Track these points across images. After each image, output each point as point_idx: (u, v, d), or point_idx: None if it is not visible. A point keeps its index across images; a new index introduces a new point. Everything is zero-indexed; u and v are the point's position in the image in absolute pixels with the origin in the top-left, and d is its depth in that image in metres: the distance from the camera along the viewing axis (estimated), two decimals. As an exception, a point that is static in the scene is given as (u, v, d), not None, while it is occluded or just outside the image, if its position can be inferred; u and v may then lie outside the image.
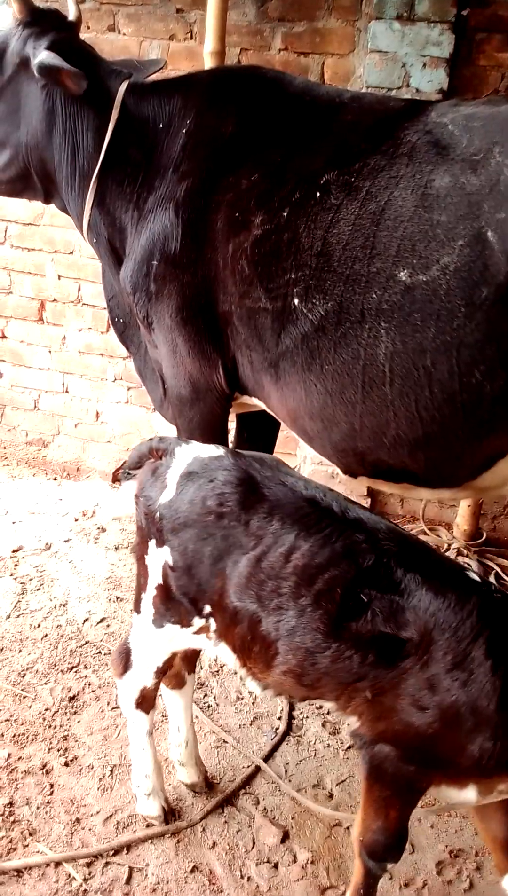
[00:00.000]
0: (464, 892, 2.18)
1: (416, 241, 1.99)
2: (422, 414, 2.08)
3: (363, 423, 2.21)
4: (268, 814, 2.36)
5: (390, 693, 1.66)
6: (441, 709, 1.61)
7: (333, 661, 1.68)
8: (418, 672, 1.62)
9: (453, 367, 1.99)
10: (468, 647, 1.61)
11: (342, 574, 1.67)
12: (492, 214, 1.91)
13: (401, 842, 1.81)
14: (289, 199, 2.23)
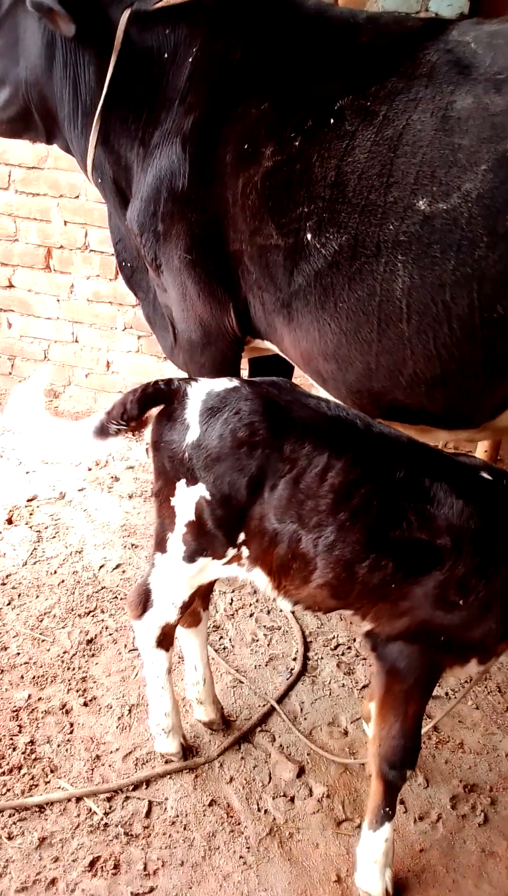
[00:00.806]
0: (478, 825, 2.21)
1: (436, 167, 1.90)
2: (440, 352, 2.03)
3: (380, 363, 2.15)
4: (284, 750, 2.40)
5: (419, 594, 1.75)
6: (468, 605, 1.73)
7: (370, 570, 1.75)
8: (448, 574, 1.72)
9: (473, 302, 1.92)
10: (492, 547, 1.73)
11: (377, 487, 1.75)
12: (518, 137, 1.82)
13: (418, 744, 1.90)
14: (301, 127, 2.13)
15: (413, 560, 1.74)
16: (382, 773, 1.90)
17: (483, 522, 1.74)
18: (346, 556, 1.76)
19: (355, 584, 1.77)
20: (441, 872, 2.07)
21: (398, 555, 1.74)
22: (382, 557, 1.74)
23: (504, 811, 2.26)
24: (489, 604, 1.74)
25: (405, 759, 1.88)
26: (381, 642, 1.85)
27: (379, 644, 1.85)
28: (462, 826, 2.21)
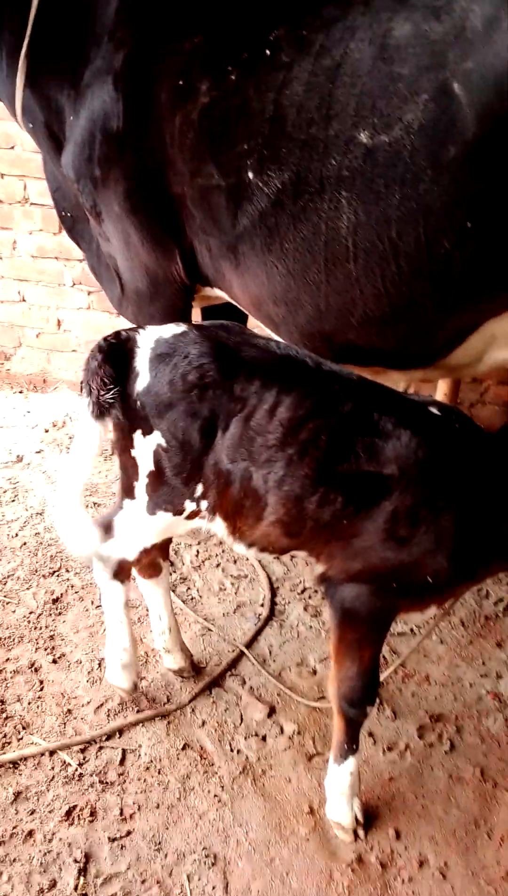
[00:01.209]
0: (445, 753, 2.29)
1: (376, 98, 1.84)
2: (389, 289, 2.00)
3: (329, 304, 2.13)
4: (254, 692, 2.45)
5: (370, 530, 1.76)
6: (418, 540, 1.75)
7: (319, 504, 1.76)
8: (397, 505, 1.74)
9: (420, 237, 1.89)
10: (440, 479, 1.75)
11: (325, 422, 1.75)
12: (458, 64, 1.76)
13: (376, 682, 1.95)
14: (236, 60, 2.05)
15: (362, 493, 1.75)
16: (343, 711, 1.95)
17: (430, 454, 1.75)
18: (296, 491, 1.76)
19: (306, 520, 1.78)
20: (411, 799, 2.15)
21: (347, 488, 1.75)
22: (331, 491, 1.75)
23: (469, 738, 2.35)
24: (439, 539, 1.76)
25: (364, 698, 1.92)
26: (335, 586, 1.87)
27: (333, 588, 1.87)
28: (430, 754, 2.29)
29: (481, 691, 2.51)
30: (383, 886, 1.92)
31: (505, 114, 1.71)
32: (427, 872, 1.95)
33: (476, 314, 2.02)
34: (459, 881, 1.93)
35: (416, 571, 1.80)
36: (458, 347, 2.15)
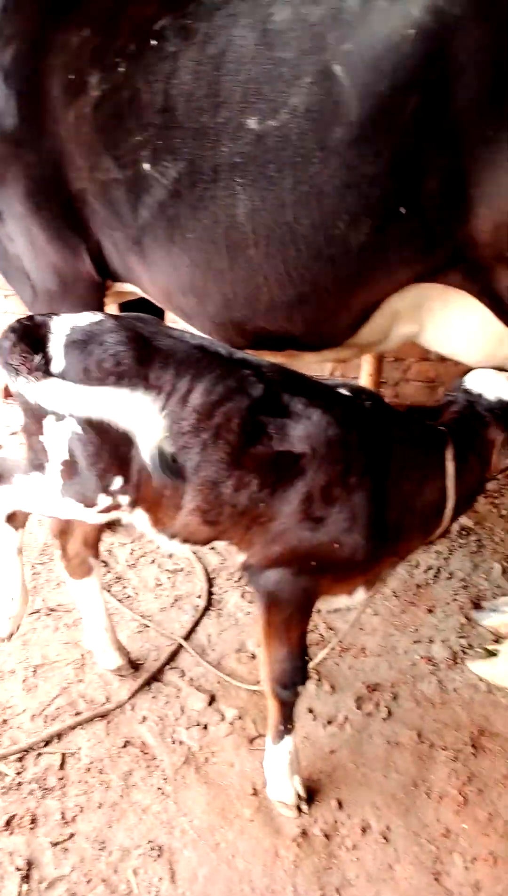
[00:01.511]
0: (383, 720, 2.35)
1: (261, 84, 1.86)
2: (292, 274, 2.03)
3: (236, 292, 2.14)
4: (194, 683, 2.46)
5: (286, 512, 1.78)
6: (333, 517, 1.78)
7: (235, 489, 1.78)
8: (311, 484, 1.76)
9: (315, 220, 1.92)
10: (351, 456, 1.78)
11: (237, 405, 1.76)
12: (337, 47, 1.80)
13: (305, 662, 1.98)
14: (124, 51, 2.04)
15: (275, 474, 1.77)
16: (276, 693, 1.98)
17: (341, 433, 1.79)
18: (211, 476, 1.77)
19: (223, 506, 1.79)
20: (351, 769, 2.20)
21: (261, 470, 1.76)
22: (245, 475, 1.76)
23: (406, 704, 2.42)
24: (354, 517, 1.79)
25: (295, 678, 1.95)
26: (258, 572, 1.88)
27: (256, 574, 1.89)
28: (368, 723, 2.35)
29: (415, 657, 2.58)
30: (328, 857, 1.96)
31: (386, 93, 1.75)
32: (370, 837, 2.00)
33: (378, 292, 2.07)
34: (401, 842, 1.99)
35: (334, 551, 1.83)
36: (364, 326, 2.20)
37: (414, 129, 1.77)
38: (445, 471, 1.88)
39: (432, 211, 1.85)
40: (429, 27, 1.70)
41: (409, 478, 1.87)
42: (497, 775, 2.16)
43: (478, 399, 1.96)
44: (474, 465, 1.93)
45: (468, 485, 1.93)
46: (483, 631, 2.68)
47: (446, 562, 3.06)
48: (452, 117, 1.75)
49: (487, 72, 1.69)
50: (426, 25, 1.70)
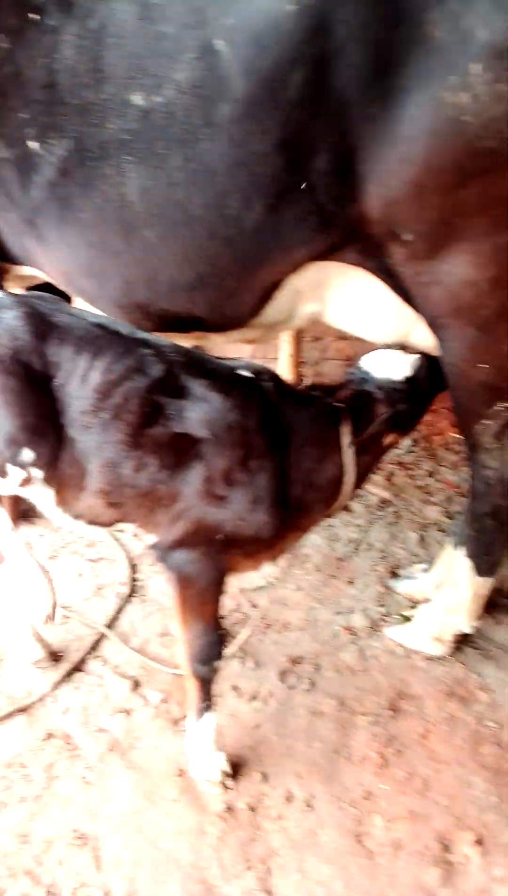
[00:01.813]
0: (306, 691, 2.40)
1: (144, 59, 1.82)
2: (188, 254, 2.01)
3: (134, 274, 2.11)
4: (117, 670, 2.45)
5: (188, 494, 1.79)
6: (236, 498, 1.80)
7: (135, 469, 1.77)
8: (212, 466, 1.77)
9: (207, 199, 1.90)
10: (251, 438, 1.80)
11: (136, 385, 1.76)
12: (219, 21, 1.76)
13: (221, 637, 2.00)
14: (5, 27, 1.95)
15: (175, 455, 1.77)
16: (194, 671, 2.00)
17: (241, 415, 1.80)
18: (112, 457, 1.76)
19: (124, 487, 1.78)
20: (275, 741, 2.24)
21: (160, 452, 1.76)
22: (145, 455, 1.76)
23: (327, 674, 2.47)
24: (258, 496, 1.82)
25: (212, 654, 1.98)
26: (167, 553, 1.89)
27: (166, 555, 1.90)
28: (292, 696, 2.39)
29: (336, 628, 2.64)
30: (253, 829, 1.99)
31: (269, 69, 1.74)
32: (294, 806, 2.05)
33: (277, 272, 2.07)
34: (324, 808, 2.05)
35: (240, 529, 1.85)
36: (268, 305, 2.19)
37: (300, 105, 1.76)
38: (342, 446, 1.91)
39: (323, 189, 1.86)
40: (309, 3, 1.69)
41: (309, 454, 1.90)
42: (414, 735, 2.24)
43: (370, 378, 2.01)
44: (369, 441, 1.97)
45: (364, 459, 1.98)
46: (400, 598, 2.76)
47: (365, 534, 3.13)
48: (336, 94, 1.75)
49: (368, 48, 1.69)
50: (306, 1, 1.69)
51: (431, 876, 1.87)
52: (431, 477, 3.54)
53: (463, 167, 1.67)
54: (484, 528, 2.24)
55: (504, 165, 1.66)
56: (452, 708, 2.32)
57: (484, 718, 2.28)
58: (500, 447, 2.08)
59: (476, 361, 1.95)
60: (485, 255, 1.77)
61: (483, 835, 1.96)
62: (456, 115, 1.63)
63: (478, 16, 1.57)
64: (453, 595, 2.41)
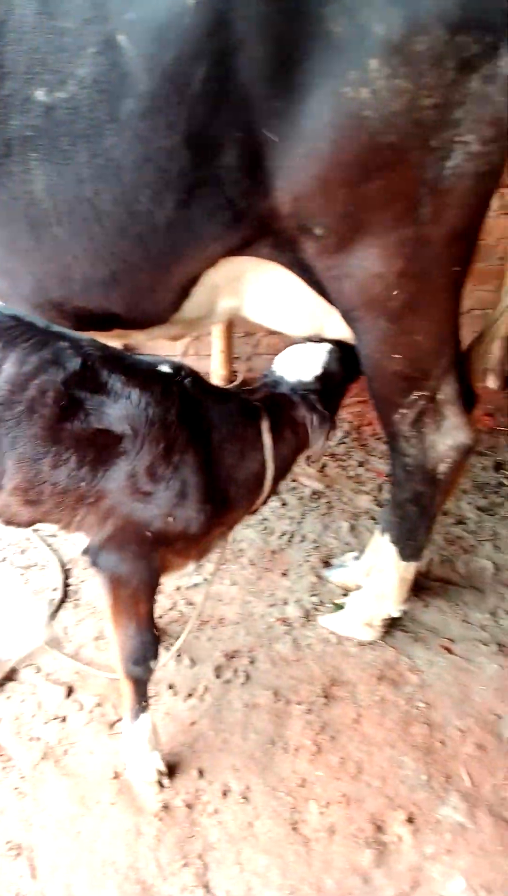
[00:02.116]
0: (241, 685, 2.41)
1: (46, 54, 1.78)
2: (101, 251, 1.98)
3: (47, 272, 2.07)
4: (51, 677, 2.41)
5: (113, 492, 1.76)
6: (162, 494, 1.78)
7: (53, 466, 1.73)
8: (135, 463, 1.75)
9: (117, 196, 1.88)
10: (172, 434, 1.78)
11: (52, 378, 1.71)
12: (120, 16, 1.74)
13: (155, 637, 1.98)
14: None
15: (95, 452, 1.74)
16: (128, 673, 1.98)
17: (162, 411, 1.79)
18: (28, 452, 1.71)
19: (43, 484, 1.74)
20: (211, 736, 2.24)
21: (79, 447, 1.73)
22: (63, 451, 1.72)
23: (263, 666, 2.49)
24: (183, 491, 1.81)
25: (147, 654, 1.96)
26: (97, 554, 1.87)
27: (97, 556, 1.87)
28: (227, 690, 2.40)
29: (270, 620, 2.66)
30: (190, 825, 2.00)
31: (172, 64, 1.73)
32: (231, 800, 2.06)
33: (192, 267, 2.07)
34: (260, 799, 2.06)
35: (169, 526, 1.84)
36: (186, 301, 2.19)
37: (204, 100, 1.75)
38: (263, 443, 1.93)
39: (232, 184, 1.86)
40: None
41: (231, 451, 1.90)
42: (347, 720, 2.28)
43: (283, 380, 2.03)
44: (288, 438, 2.00)
45: (283, 457, 2.00)
46: (333, 587, 2.80)
47: (299, 526, 3.17)
48: (240, 89, 1.75)
49: (268, 43, 1.70)
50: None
51: (365, 858, 1.91)
52: (362, 467, 3.60)
53: (366, 162, 1.70)
54: (407, 515, 2.30)
55: (405, 160, 1.69)
56: (383, 691, 2.37)
57: (414, 699, 2.34)
58: (418, 435, 2.14)
59: (390, 352, 1.99)
60: (391, 248, 1.81)
61: (413, 813, 2.02)
62: (357, 110, 1.66)
63: (374, 10, 1.59)
64: (380, 581, 2.46)
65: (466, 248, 1.89)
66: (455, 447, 2.15)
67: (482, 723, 2.27)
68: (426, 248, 1.82)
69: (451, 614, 2.69)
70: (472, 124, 1.65)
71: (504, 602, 2.74)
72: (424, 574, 2.87)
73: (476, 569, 2.93)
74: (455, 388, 2.08)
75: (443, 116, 1.64)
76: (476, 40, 1.57)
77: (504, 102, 1.64)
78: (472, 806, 2.04)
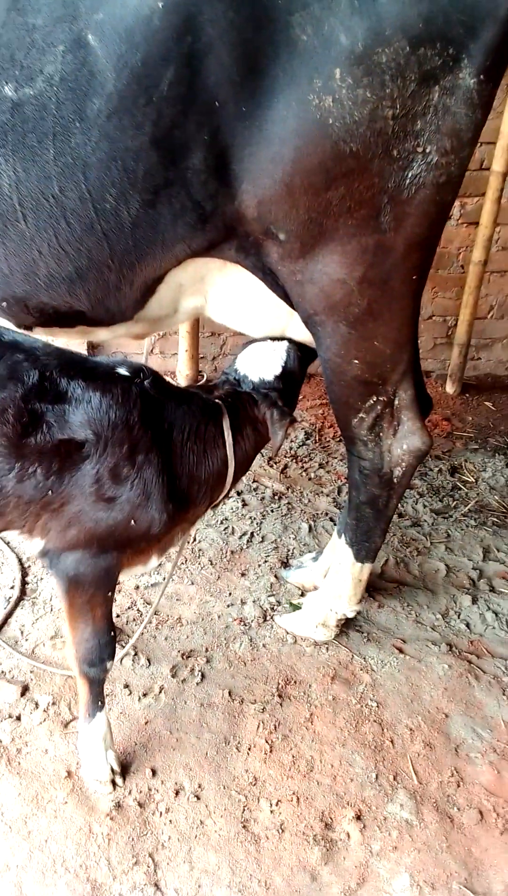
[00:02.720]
0: (197, 684, 2.42)
1: (14, 50, 1.77)
2: (66, 248, 1.98)
3: (11, 267, 2.05)
4: (6, 675, 2.39)
5: (78, 496, 1.76)
6: (125, 495, 1.78)
7: (19, 480, 1.71)
8: (99, 467, 1.75)
9: (83, 193, 1.88)
10: (135, 435, 1.79)
11: (10, 394, 1.69)
12: (90, 16, 1.74)
13: (112, 638, 1.98)
14: None
15: (60, 461, 1.73)
16: (84, 673, 1.98)
17: (122, 414, 1.78)
18: None
19: (8, 498, 1.73)
20: (166, 735, 2.25)
21: (44, 460, 1.72)
22: (28, 466, 1.71)
23: (219, 665, 2.50)
24: (146, 492, 1.81)
25: (103, 655, 1.96)
26: (56, 556, 1.85)
27: (55, 558, 1.86)
28: (183, 689, 2.41)
29: (228, 620, 2.68)
30: (142, 824, 2.00)
31: (140, 66, 1.74)
32: (183, 798, 2.07)
33: (157, 266, 2.07)
34: (212, 798, 2.08)
35: (131, 527, 1.83)
36: (151, 299, 2.20)
37: (172, 103, 1.77)
38: (224, 440, 1.95)
39: (199, 186, 1.87)
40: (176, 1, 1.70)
41: (193, 449, 1.92)
42: (300, 719, 2.31)
43: (244, 378, 2.06)
44: (248, 435, 2.03)
45: (244, 453, 2.02)
46: (290, 587, 2.83)
47: (259, 527, 3.19)
48: (208, 93, 1.77)
49: (235, 48, 1.72)
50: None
51: (313, 855, 1.94)
52: (323, 468, 3.64)
53: (329, 169, 1.73)
54: (363, 517, 2.34)
55: (367, 168, 1.73)
56: (336, 690, 2.40)
57: (366, 698, 2.38)
58: (375, 439, 2.18)
59: (350, 357, 2.03)
60: (353, 255, 1.84)
61: (362, 810, 2.05)
62: (321, 118, 1.68)
63: (339, 20, 1.62)
64: (336, 581, 2.50)
65: (425, 256, 1.93)
66: (411, 451, 2.19)
67: (430, 721, 2.33)
68: (386, 256, 1.86)
69: (404, 615, 2.74)
70: (432, 135, 1.69)
71: (455, 603, 2.81)
72: (379, 575, 2.92)
73: (429, 570, 2.99)
74: (411, 393, 2.13)
75: (404, 127, 1.67)
76: (438, 53, 1.62)
77: (464, 114, 1.68)
78: (419, 803, 2.09)
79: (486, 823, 2.04)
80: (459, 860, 1.95)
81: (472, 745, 2.26)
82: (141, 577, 2.87)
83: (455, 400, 4.42)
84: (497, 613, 2.76)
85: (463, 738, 2.28)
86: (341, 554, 2.46)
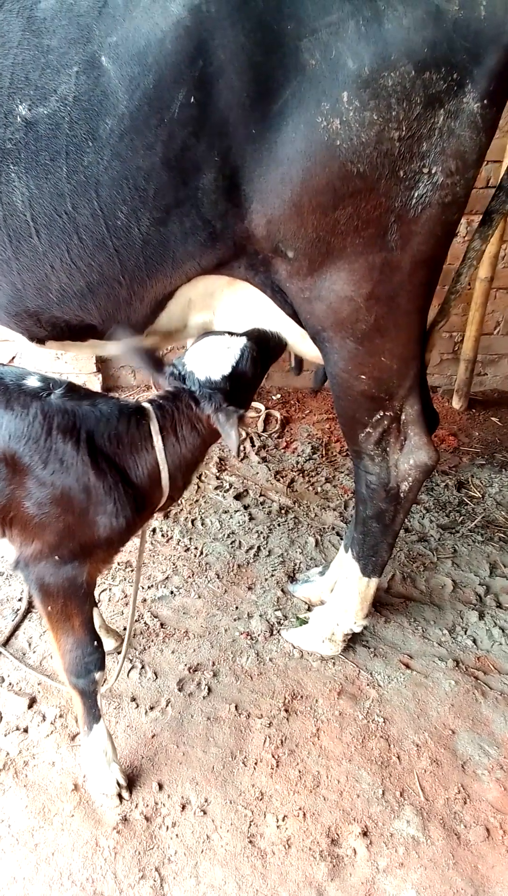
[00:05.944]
0: (203, 698, 2.43)
1: (29, 70, 1.82)
2: (78, 263, 2.01)
3: (25, 282, 2.09)
4: (13, 687, 2.40)
5: (30, 507, 1.77)
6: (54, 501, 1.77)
7: None
8: (21, 481, 1.75)
9: (95, 211, 1.92)
10: (46, 442, 1.77)
11: None
12: (104, 38, 1.79)
13: (97, 646, 1.96)
14: None
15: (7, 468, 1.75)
16: (73, 684, 1.98)
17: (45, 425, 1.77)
18: None
19: None
20: (172, 749, 2.25)
21: None
22: None
23: (225, 679, 2.51)
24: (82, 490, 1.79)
25: (88, 666, 1.95)
26: (27, 567, 1.86)
27: (26, 569, 1.87)
28: (189, 703, 2.41)
29: (235, 634, 2.68)
30: (149, 838, 2.00)
31: (152, 87, 1.78)
32: (189, 813, 2.07)
33: (167, 283, 2.10)
34: (218, 812, 2.07)
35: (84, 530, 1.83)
36: (161, 314, 2.23)
37: (184, 124, 1.81)
38: (153, 442, 1.90)
39: (209, 206, 1.91)
40: (188, 25, 1.74)
41: (117, 454, 1.87)
42: (306, 734, 2.30)
43: (189, 375, 1.96)
44: (184, 435, 1.95)
45: (183, 456, 1.95)
46: (297, 601, 2.84)
47: (266, 540, 3.20)
48: (219, 115, 1.81)
49: (246, 72, 1.76)
50: (185, 23, 1.74)
51: (319, 871, 1.93)
52: (329, 483, 3.65)
53: (337, 189, 1.76)
54: (369, 531, 2.35)
55: (374, 189, 1.76)
56: (342, 705, 2.40)
57: (372, 714, 2.38)
58: (381, 454, 2.19)
59: (357, 372, 2.05)
60: (360, 272, 1.87)
61: (368, 826, 2.05)
62: (329, 139, 1.72)
63: (346, 45, 1.66)
64: (343, 596, 2.50)
65: (431, 274, 1.96)
66: (417, 466, 2.21)
67: (437, 738, 2.32)
68: (393, 273, 1.89)
69: (411, 630, 2.74)
70: (438, 157, 1.73)
71: (462, 619, 2.80)
72: (386, 590, 2.92)
73: (436, 585, 2.99)
74: (417, 408, 2.15)
75: (410, 148, 1.71)
76: (443, 77, 1.65)
77: (468, 137, 1.72)
78: (425, 820, 2.08)
79: (493, 840, 2.03)
80: (465, 877, 1.94)
81: (479, 761, 2.25)
82: (148, 590, 2.88)
83: (461, 415, 4.43)
84: (504, 629, 2.76)
85: (470, 754, 2.27)
86: (347, 568, 2.47)
